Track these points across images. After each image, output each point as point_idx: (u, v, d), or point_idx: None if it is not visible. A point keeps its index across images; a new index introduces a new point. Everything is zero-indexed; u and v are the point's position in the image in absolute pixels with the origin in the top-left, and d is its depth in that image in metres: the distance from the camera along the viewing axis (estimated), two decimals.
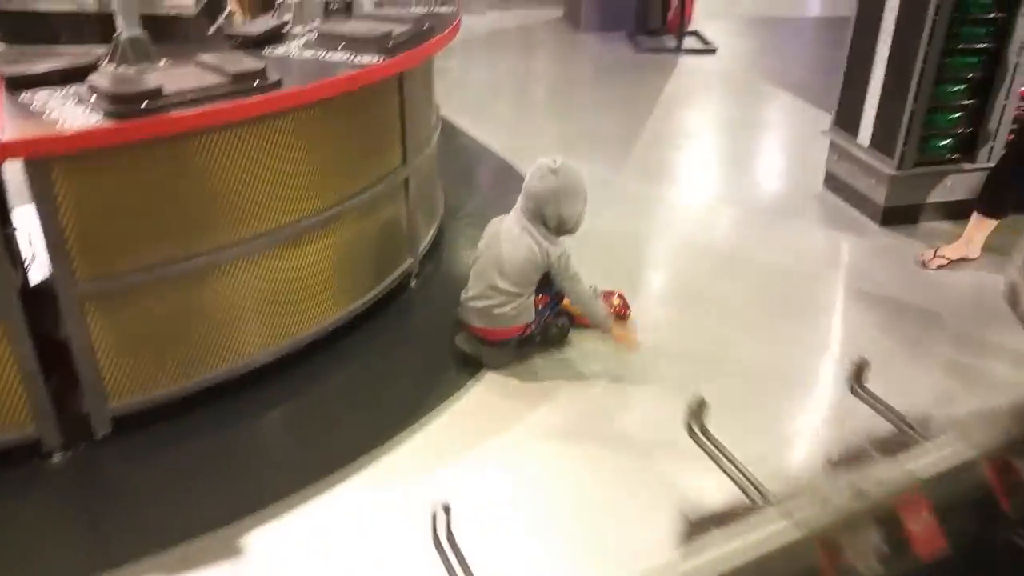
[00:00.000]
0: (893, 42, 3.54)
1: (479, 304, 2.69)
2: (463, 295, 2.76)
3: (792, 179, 4.30)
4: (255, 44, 2.60)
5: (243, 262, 2.42)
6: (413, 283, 3.23)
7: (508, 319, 2.69)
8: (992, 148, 3.62)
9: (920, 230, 3.71)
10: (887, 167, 3.63)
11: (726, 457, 1.65)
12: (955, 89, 3.52)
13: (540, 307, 2.76)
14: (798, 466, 2.40)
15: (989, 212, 3.38)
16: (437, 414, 2.55)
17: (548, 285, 2.75)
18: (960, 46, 3.42)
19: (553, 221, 2.66)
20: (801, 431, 2.56)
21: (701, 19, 7.23)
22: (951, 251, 3.43)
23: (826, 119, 4.64)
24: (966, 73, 3.50)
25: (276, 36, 2.73)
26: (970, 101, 3.56)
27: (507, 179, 4.27)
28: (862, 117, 3.80)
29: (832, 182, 4.06)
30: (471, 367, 2.75)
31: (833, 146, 4.03)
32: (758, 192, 4.17)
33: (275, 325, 2.60)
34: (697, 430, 1.67)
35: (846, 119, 3.92)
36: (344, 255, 2.77)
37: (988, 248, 3.43)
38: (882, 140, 3.68)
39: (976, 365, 2.84)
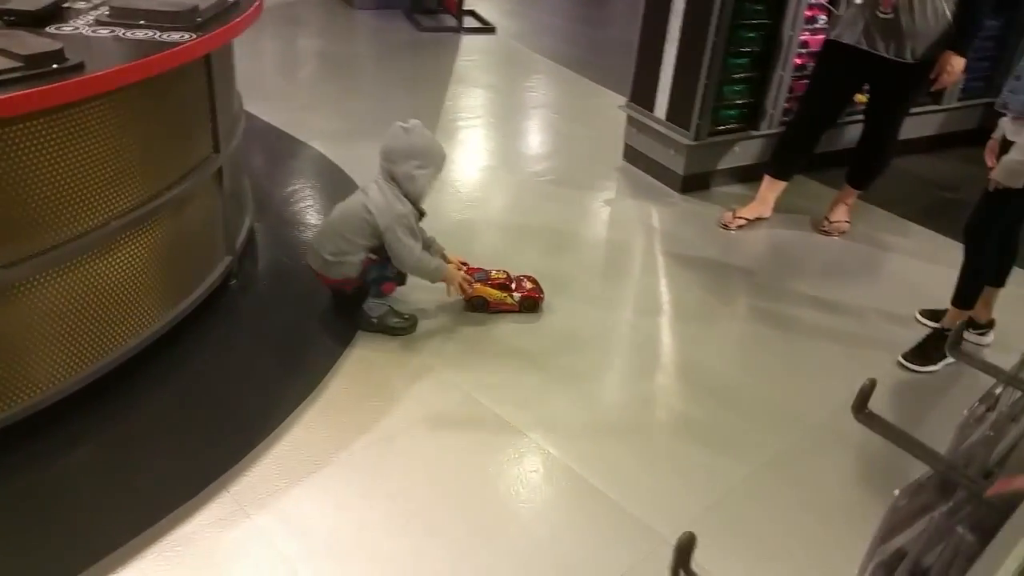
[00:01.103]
0: (684, 19, 3.74)
1: (314, 244, 2.77)
2: None
3: (593, 154, 4.44)
4: (34, 21, 2.21)
5: (37, 279, 2.05)
6: (233, 283, 2.95)
7: (329, 266, 2.69)
8: (772, 116, 3.95)
9: (716, 194, 3.99)
10: (684, 138, 3.85)
11: None
12: (739, 62, 3.79)
13: (364, 267, 2.67)
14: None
15: (777, 174, 3.70)
16: (284, 429, 2.31)
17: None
18: (742, 21, 3.68)
19: (404, 181, 2.68)
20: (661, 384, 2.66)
21: None
22: (748, 211, 3.72)
23: (609, 94, 4.84)
24: (748, 47, 3.78)
25: (57, 12, 2.34)
26: (752, 73, 3.86)
27: (307, 164, 4.04)
28: (657, 92, 3.99)
29: (632, 155, 4.24)
30: (319, 362, 2.57)
31: (631, 120, 4.21)
32: (564, 169, 4.25)
33: (82, 347, 2.23)
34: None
35: (642, 94, 4.10)
36: (157, 258, 2.45)
37: (779, 207, 3.76)
38: (678, 113, 3.89)
39: (779, 310, 3.11)
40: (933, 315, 3.04)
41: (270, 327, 2.79)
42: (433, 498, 2.13)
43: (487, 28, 6.71)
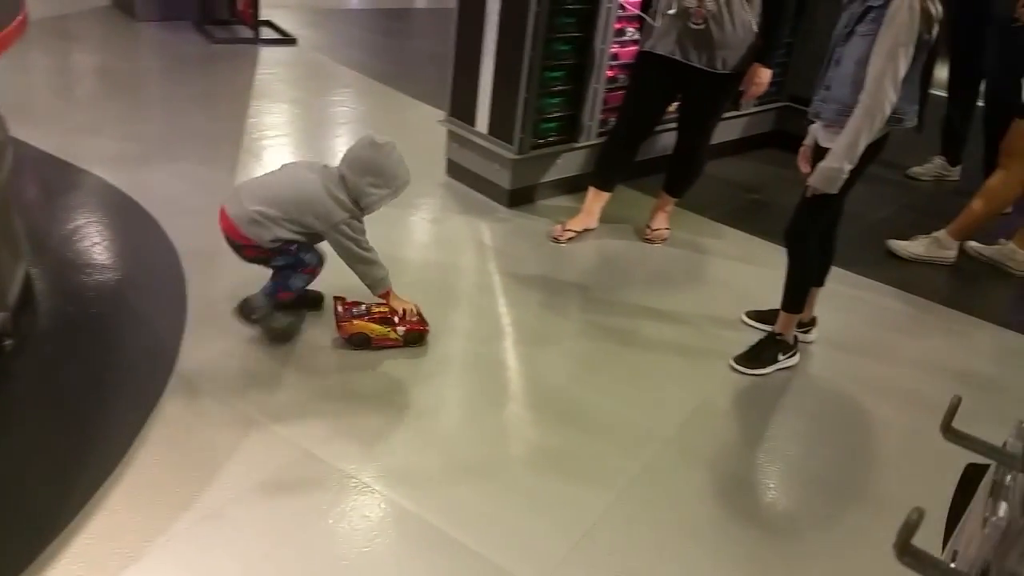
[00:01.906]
0: (500, 33, 3.65)
1: (242, 192, 2.65)
2: None
3: (414, 171, 4.20)
4: None
5: None
6: (7, 344, 2.50)
7: (249, 222, 2.56)
8: (590, 128, 3.95)
9: (543, 207, 3.94)
10: (508, 152, 3.76)
11: None
12: (555, 75, 3.75)
13: (283, 247, 2.60)
14: None
15: (601, 186, 3.70)
16: (84, 519, 1.94)
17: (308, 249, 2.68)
18: (556, 35, 3.64)
19: (354, 191, 2.63)
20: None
21: (267, 8, 6.86)
22: (575, 223, 3.69)
23: (423, 107, 4.69)
24: (563, 60, 3.75)
25: None
26: (568, 86, 3.84)
27: (90, 194, 3.58)
28: (477, 106, 3.88)
29: (455, 170, 4.11)
30: (122, 429, 2.21)
31: (452, 135, 4.07)
32: None
33: None
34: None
35: (461, 109, 3.98)
36: None
37: (604, 218, 3.76)
38: (500, 127, 3.80)
39: (616, 323, 3.09)
40: (759, 316, 3.12)
41: (57, 393, 2.38)
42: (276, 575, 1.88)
43: (287, 39, 6.35)
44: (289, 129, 4.70)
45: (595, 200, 3.71)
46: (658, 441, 2.48)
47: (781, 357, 2.90)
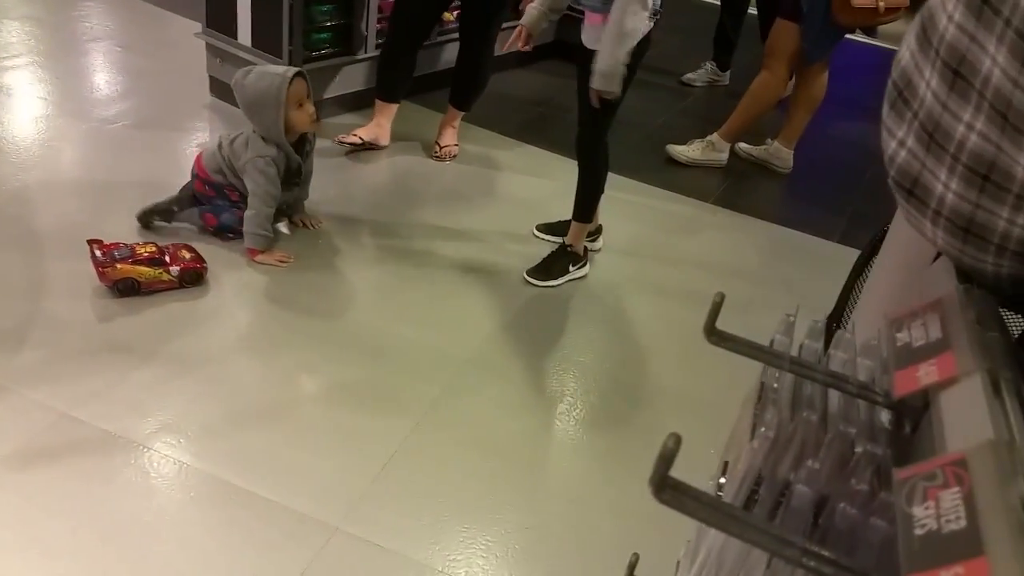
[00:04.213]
0: None
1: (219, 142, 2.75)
2: None
3: (175, 92, 3.83)
4: None
5: None
6: None
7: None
8: (367, 39, 3.74)
9: (327, 126, 3.69)
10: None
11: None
12: None
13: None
14: None
15: (385, 97, 3.54)
16: None
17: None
18: None
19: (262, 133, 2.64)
20: None
21: None
22: (364, 132, 3.53)
23: (181, 20, 4.26)
24: None
25: None
26: None
27: None
28: (237, 16, 3.54)
29: (220, 89, 3.73)
30: None
31: (212, 50, 3.69)
32: (143, 111, 3.60)
33: None
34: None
35: (219, 19, 3.61)
36: None
37: (392, 136, 3.60)
38: (265, 39, 3.49)
39: (409, 246, 2.99)
40: (549, 228, 3.13)
41: None
42: (40, 560, 1.66)
43: None
44: (23, 50, 4.07)
45: (381, 113, 3.54)
46: (456, 362, 2.44)
47: (572, 268, 2.94)
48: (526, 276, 2.89)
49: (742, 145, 4.10)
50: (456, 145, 3.71)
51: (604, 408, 2.39)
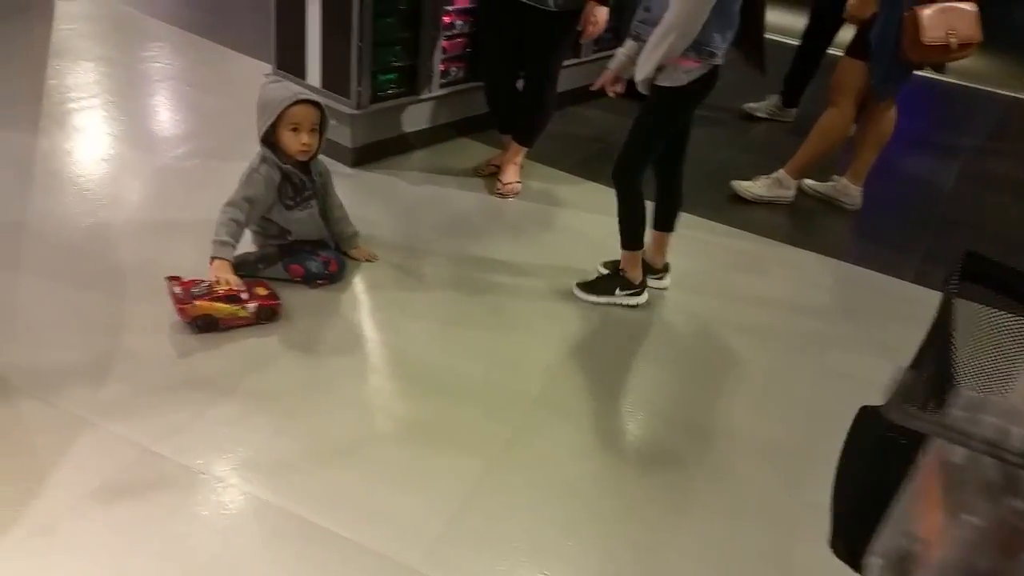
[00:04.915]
0: None
1: None
2: None
3: (243, 130, 3.84)
4: None
5: None
6: None
7: None
8: (432, 79, 3.79)
9: (391, 164, 3.75)
10: (346, 107, 3.54)
11: None
12: (389, 21, 3.55)
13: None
14: None
15: (503, 129, 3.74)
16: None
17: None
18: None
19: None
20: None
21: None
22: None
23: (246, 60, 4.36)
24: (395, 5, 3.54)
25: None
26: (404, 34, 3.64)
27: None
28: (307, 58, 3.63)
29: None
30: None
31: None
32: (212, 149, 3.69)
33: None
34: None
35: (289, 61, 3.71)
36: None
37: (449, 171, 3.67)
38: (334, 80, 3.57)
39: (473, 282, 2.99)
40: (615, 266, 3.12)
41: None
42: None
43: None
44: (98, 90, 4.22)
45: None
46: (525, 401, 2.42)
47: (619, 292, 2.95)
48: (574, 286, 2.95)
49: (808, 182, 4.05)
50: (519, 182, 3.72)
51: (672, 449, 2.35)
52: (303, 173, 2.74)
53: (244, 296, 2.50)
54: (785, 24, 6.77)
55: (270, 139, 2.66)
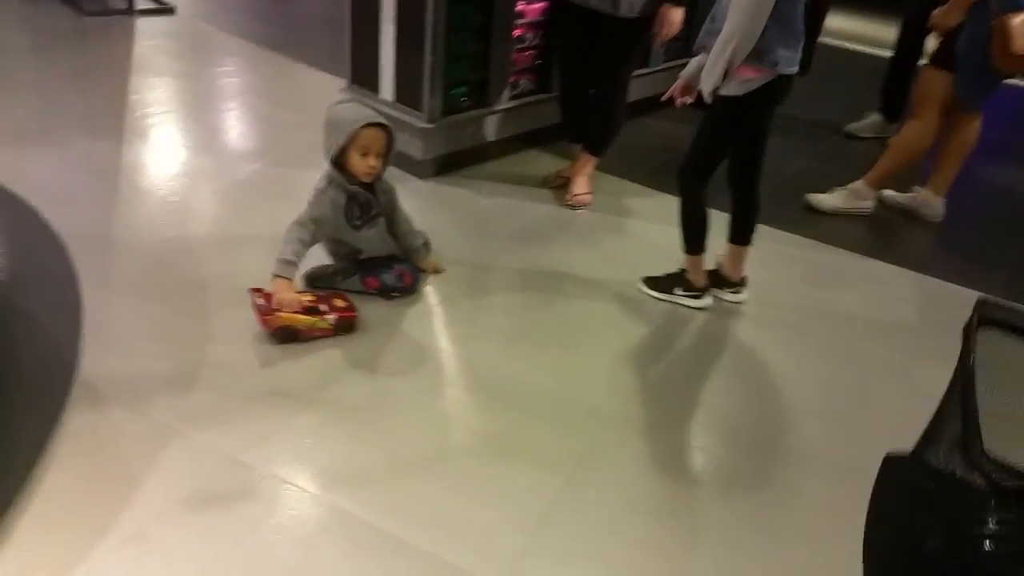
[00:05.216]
0: None
1: None
2: None
3: (316, 143, 3.97)
4: None
5: None
6: None
7: None
8: (501, 92, 3.81)
9: (461, 176, 3.78)
10: (419, 120, 3.58)
11: None
12: (460, 37, 3.57)
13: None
14: None
15: (573, 139, 3.78)
16: None
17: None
18: None
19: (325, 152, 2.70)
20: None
21: None
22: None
23: (320, 75, 4.44)
24: (467, 20, 3.57)
25: None
26: (475, 48, 3.67)
27: None
28: (380, 72, 3.68)
29: None
30: (23, 448, 1.97)
31: None
32: (288, 162, 3.77)
33: None
34: None
35: (363, 76, 3.77)
36: None
37: (518, 181, 3.68)
38: (407, 94, 3.61)
39: (543, 294, 2.98)
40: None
41: None
42: None
43: (164, 8, 5.90)
44: (175, 104, 4.35)
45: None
46: (600, 416, 2.40)
47: (678, 292, 2.98)
48: (640, 279, 3.04)
49: (889, 193, 3.94)
50: (589, 193, 3.71)
51: (750, 469, 2.29)
52: (368, 192, 2.75)
53: (323, 308, 2.53)
54: (875, 34, 6.67)
55: (338, 160, 2.67)
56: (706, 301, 2.98)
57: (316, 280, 2.78)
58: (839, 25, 6.71)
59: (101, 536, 1.81)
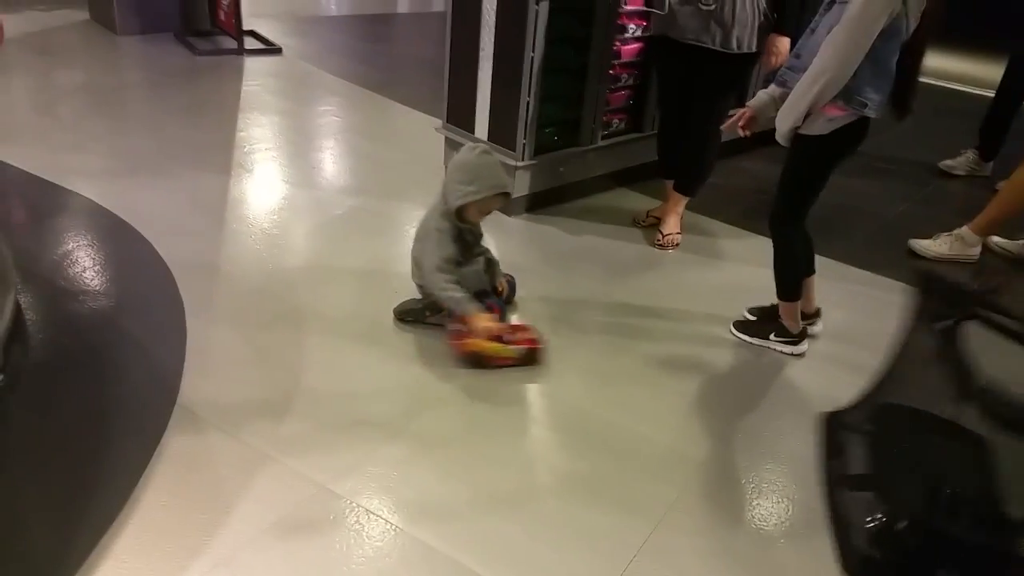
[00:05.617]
0: (497, 35, 3.52)
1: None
2: None
3: (414, 180, 4.08)
4: None
5: None
6: None
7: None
8: (594, 131, 3.83)
9: (550, 215, 3.80)
10: (511, 159, 3.62)
11: None
12: (557, 77, 3.62)
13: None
14: None
15: (666, 175, 3.75)
16: (86, 573, 1.81)
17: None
18: (556, 36, 3.50)
19: (445, 191, 2.72)
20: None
21: (249, 18, 6.70)
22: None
23: (416, 114, 4.54)
24: (564, 61, 3.61)
25: None
26: (571, 89, 3.71)
27: (79, 215, 3.42)
28: (476, 112, 3.75)
29: None
30: (123, 471, 2.06)
31: (450, 143, 3.93)
32: (386, 198, 3.88)
33: None
34: None
35: (458, 115, 3.85)
36: None
37: (613, 220, 3.64)
38: (501, 133, 3.67)
39: (632, 335, 2.95)
40: (760, 311, 3.04)
41: (54, 432, 2.23)
42: None
43: (272, 49, 6.19)
44: (280, 141, 4.54)
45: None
46: (690, 463, 2.34)
47: (773, 338, 2.90)
48: (731, 324, 2.99)
49: (997, 240, 3.77)
50: (679, 233, 3.68)
51: None
52: (474, 232, 2.87)
53: (511, 338, 2.65)
54: (977, 74, 6.47)
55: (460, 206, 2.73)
56: (802, 348, 2.89)
57: (406, 315, 2.83)
58: (940, 64, 6.52)
59: (193, 558, 1.86)
